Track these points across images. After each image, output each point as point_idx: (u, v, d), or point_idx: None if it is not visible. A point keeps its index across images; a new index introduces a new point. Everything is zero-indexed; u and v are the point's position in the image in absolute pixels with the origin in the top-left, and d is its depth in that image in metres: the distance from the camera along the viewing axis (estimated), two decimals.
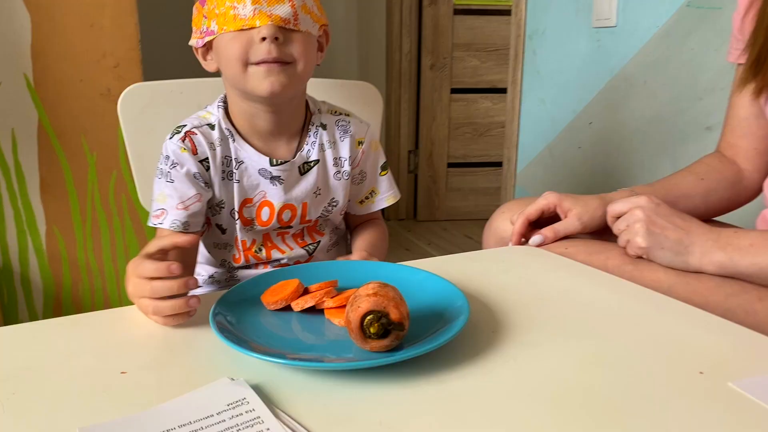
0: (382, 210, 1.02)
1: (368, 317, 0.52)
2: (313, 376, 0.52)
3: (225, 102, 0.90)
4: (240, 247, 0.93)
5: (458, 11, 2.89)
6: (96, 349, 0.57)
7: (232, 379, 0.51)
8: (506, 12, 2.74)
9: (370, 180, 0.98)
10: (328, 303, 0.61)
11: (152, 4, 2.11)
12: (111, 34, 1.41)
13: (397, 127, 3.05)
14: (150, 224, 0.86)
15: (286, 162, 0.89)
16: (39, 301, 1.49)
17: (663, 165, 1.49)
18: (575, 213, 0.88)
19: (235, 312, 0.60)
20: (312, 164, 0.91)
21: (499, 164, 2.98)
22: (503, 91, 2.92)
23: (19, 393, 0.50)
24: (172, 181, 0.85)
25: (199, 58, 0.87)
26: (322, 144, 0.92)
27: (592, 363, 0.54)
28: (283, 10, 0.79)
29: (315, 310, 0.63)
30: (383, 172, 0.98)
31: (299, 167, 0.90)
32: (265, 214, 0.90)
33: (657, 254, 0.78)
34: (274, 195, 0.89)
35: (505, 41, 2.83)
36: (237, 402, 0.47)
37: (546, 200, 0.90)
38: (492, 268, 0.78)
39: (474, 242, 2.82)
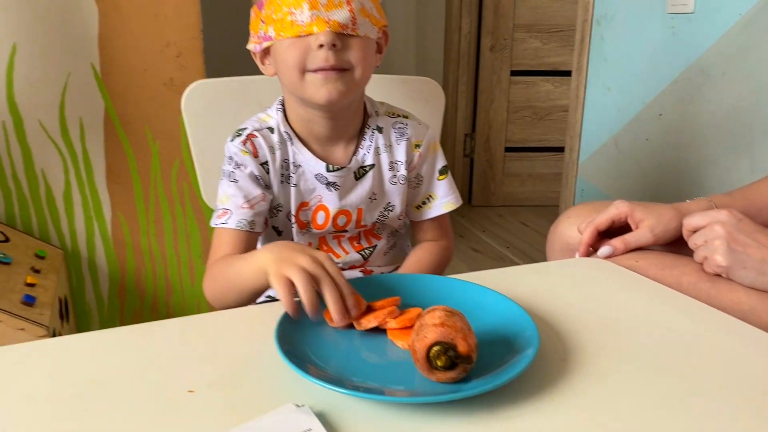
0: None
1: (435, 348, 0.51)
2: (378, 404, 0.51)
3: (283, 105, 0.89)
4: None
5: None
6: (163, 362, 0.58)
7: (298, 406, 0.50)
8: None
9: (427, 184, 0.95)
10: (392, 324, 0.60)
11: None
12: (174, 23, 1.42)
13: (454, 109, 3.00)
14: (212, 224, 0.87)
15: (342, 168, 0.87)
16: (105, 284, 1.54)
17: (739, 163, 1.41)
18: (648, 224, 0.84)
19: (298, 329, 0.60)
20: (367, 169, 0.89)
21: (559, 149, 2.90)
22: (565, 73, 2.83)
23: (92, 410, 0.51)
24: (236, 181, 0.85)
25: (257, 62, 0.86)
26: (378, 148, 0.90)
27: (670, 402, 0.51)
28: (342, 15, 0.76)
29: (378, 329, 0.62)
30: (442, 176, 0.95)
31: (354, 172, 0.89)
32: (320, 217, 0.90)
33: (738, 274, 0.74)
34: (330, 200, 0.88)
35: (569, 22, 2.73)
36: None
37: (617, 210, 0.86)
38: (559, 284, 0.75)
39: (530, 230, 2.76)
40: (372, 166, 0.90)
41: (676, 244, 0.85)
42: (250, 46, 0.85)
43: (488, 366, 0.54)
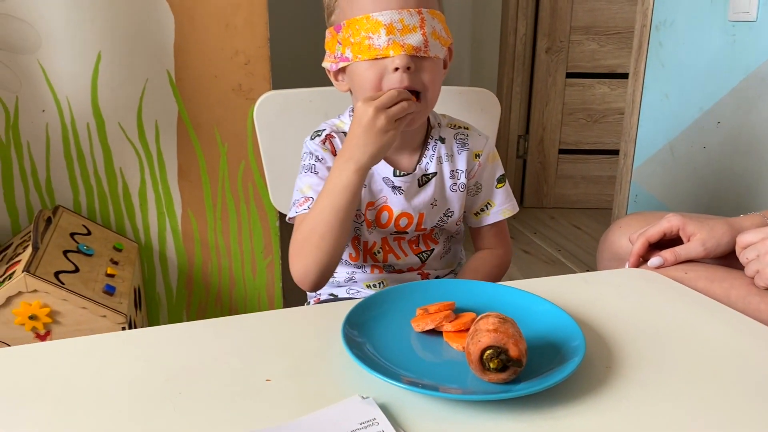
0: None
1: (488, 351, 0.56)
2: (435, 399, 0.56)
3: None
4: (361, 247, 0.99)
5: None
6: (243, 353, 0.64)
7: (363, 398, 0.56)
8: None
9: (486, 192, 1.00)
10: (447, 327, 0.66)
11: (282, 4, 2.21)
12: (243, 33, 1.50)
13: (508, 111, 3.01)
14: (292, 214, 0.93)
15: (407, 174, 0.93)
16: (174, 276, 1.65)
17: None
18: (699, 238, 0.86)
19: (362, 328, 0.66)
20: (430, 176, 0.95)
21: (613, 152, 2.88)
22: (622, 76, 2.81)
23: (184, 393, 0.58)
24: (317, 173, 0.92)
25: (331, 78, 0.93)
26: (440, 157, 0.95)
27: (711, 414, 0.54)
28: (415, 39, 0.82)
29: (434, 331, 0.67)
30: (500, 185, 1.00)
31: (418, 179, 0.94)
32: (384, 217, 0.96)
33: None
34: (395, 203, 0.94)
35: (627, 24, 2.70)
36: (368, 422, 0.53)
37: (669, 223, 0.88)
38: (607, 293, 0.78)
39: (582, 233, 2.75)
40: (434, 174, 0.95)
41: (726, 259, 0.87)
42: (326, 65, 0.91)
43: (537, 370, 0.58)
